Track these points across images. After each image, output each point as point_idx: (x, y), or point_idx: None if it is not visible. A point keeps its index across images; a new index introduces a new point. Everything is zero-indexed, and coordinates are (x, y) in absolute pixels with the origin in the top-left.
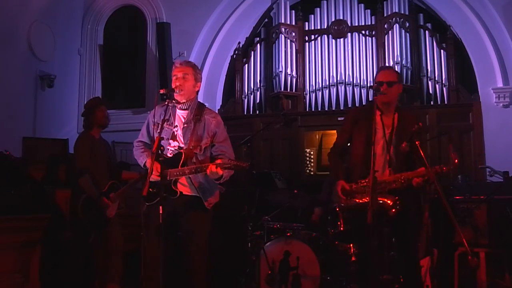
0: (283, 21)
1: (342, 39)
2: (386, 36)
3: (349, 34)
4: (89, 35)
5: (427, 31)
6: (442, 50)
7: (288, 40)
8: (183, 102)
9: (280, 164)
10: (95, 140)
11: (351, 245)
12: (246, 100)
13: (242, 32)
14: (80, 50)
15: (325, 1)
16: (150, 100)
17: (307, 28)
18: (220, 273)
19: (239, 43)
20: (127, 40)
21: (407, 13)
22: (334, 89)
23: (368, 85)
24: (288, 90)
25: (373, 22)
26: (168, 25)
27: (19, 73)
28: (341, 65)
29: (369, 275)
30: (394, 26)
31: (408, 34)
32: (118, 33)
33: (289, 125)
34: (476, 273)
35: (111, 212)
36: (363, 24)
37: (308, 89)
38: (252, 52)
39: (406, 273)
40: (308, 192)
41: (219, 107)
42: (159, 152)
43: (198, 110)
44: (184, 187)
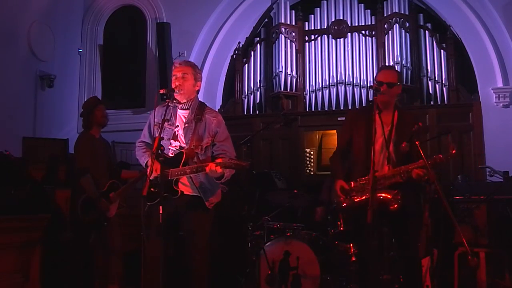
0: (283, 21)
1: (342, 39)
2: (386, 36)
3: (349, 34)
4: (89, 35)
5: (427, 31)
6: (442, 50)
7: (288, 40)
8: (184, 102)
9: (280, 164)
10: (95, 139)
11: (351, 245)
12: (246, 100)
13: (242, 32)
14: (80, 52)
15: (325, 1)
16: (150, 100)
17: (307, 28)
18: (220, 273)
19: (239, 43)
20: (127, 40)
21: (407, 13)
22: (334, 89)
23: (368, 85)
24: (288, 90)
25: (373, 22)
26: (168, 25)
27: (19, 73)
28: (341, 65)
29: (369, 275)
30: (394, 26)
31: (408, 34)
32: (118, 33)
33: (289, 125)
34: (476, 273)
35: (111, 212)
36: (363, 24)
37: (308, 89)
38: (252, 52)
39: (406, 273)
40: (308, 192)
41: (219, 107)
42: (159, 152)
43: (199, 109)
44: (185, 186)
